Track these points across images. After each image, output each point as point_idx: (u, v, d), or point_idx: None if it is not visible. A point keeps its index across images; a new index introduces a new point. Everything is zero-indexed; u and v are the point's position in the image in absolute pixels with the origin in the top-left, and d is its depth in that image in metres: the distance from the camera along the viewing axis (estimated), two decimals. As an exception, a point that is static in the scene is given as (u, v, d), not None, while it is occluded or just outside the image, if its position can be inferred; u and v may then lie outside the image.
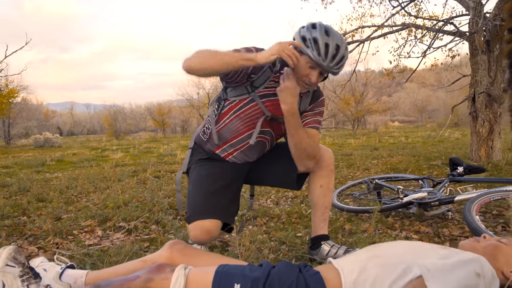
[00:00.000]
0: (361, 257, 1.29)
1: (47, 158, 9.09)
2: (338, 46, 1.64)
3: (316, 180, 1.98)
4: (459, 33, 6.02)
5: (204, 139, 1.93)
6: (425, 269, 1.13)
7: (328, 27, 1.66)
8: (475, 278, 1.09)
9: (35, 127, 26.98)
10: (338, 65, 1.68)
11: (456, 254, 1.20)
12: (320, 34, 1.62)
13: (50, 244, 2.43)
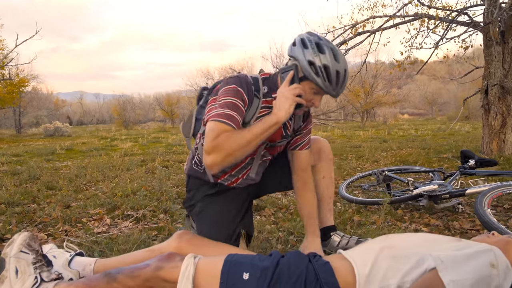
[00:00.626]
0: (372, 248, 1.27)
1: (57, 147, 9.17)
2: (345, 70, 1.52)
3: (318, 173, 1.96)
4: (473, 23, 5.90)
5: (200, 170, 1.76)
6: (439, 260, 1.10)
7: (334, 48, 1.51)
8: (489, 269, 1.07)
9: (45, 116, 27.21)
10: (343, 88, 1.56)
11: (471, 246, 1.18)
12: (331, 60, 1.47)
13: (59, 231, 2.45)
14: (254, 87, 1.59)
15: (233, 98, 1.49)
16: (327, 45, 1.49)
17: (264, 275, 1.19)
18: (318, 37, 1.52)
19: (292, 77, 1.50)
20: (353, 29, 7.16)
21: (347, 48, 7.27)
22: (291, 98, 1.45)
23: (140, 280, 1.23)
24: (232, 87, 1.52)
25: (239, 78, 1.56)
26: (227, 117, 1.44)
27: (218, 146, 1.40)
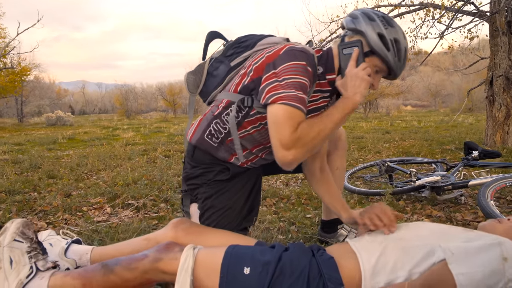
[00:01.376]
0: (380, 239, 1.24)
1: (58, 136, 9.18)
2: (408, 49, 1.42)
3: (333, 162, 1.84)
4: (479, 13, 5.81)
5: (214, 144, 1.53)
6: (449, 252, 1.08)
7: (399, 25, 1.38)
8: (501, 262, 1.03)
9: (48, 105, 27.24)
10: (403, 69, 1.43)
11: (482, 237, 1.15)
12: (401, 35, 1.35)
13: (59, 219, 2.44)
14: (315, 69, 1.39)
15: (304, 78, 1.28)
16: (394, 20, 1.37)
17: (266, 270, 1.15)
18: (382, 12, 1.39)
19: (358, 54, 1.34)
20: (357, 19, 7.07)
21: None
22: (366, 80, 1.31)
23: (138, 272, 1.20)
24: (302, 64, 1.30)
25: (306, 54, 1.33)
26: (301, 101, 1.25)
27: (300, 139, 1.23)
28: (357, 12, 1.38)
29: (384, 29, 1.32)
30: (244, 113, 1.44)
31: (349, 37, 1.38)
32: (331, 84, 1.44)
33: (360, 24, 1.34)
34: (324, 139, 1.29)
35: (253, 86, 1.39)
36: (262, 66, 1.36)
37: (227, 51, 1.58)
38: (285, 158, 1.24)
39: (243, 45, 1.54)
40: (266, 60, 1.36)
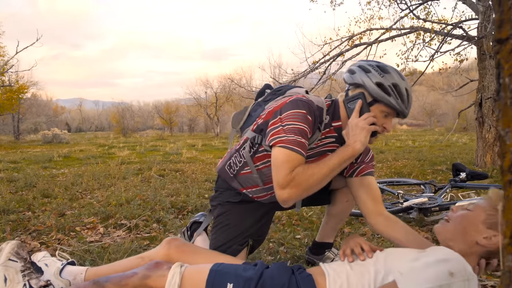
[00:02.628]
0: (345, 264, 1.33)
1: (54, 154, 9.20)
2: (410, 87, 1.49)
3: (344, 195, 1.87)
4: (468, 37, 5.99)
5: (231, 174, 1.72)
6: (397, 273, 1.14)
7: (395, 68, 1.49)
8: (448, 277, 1.08)
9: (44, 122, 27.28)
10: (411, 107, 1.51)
11: (430, 254, 1.21)
12: (398, 78, 1.44)
13: (52, 239, 2.47)
14: (319, 118, 1.52)
15: (303, 125, 1.42)
16: (388, 66, 1.47)
17: (248, 286, 1.23)
18: (375, 61, 1.51)
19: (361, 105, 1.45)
20: (350, 41, 7.25)
21: (344, 59, 7.35)
22: (366, 128, 1.41)
23: None
24: (303, 112, 1.43)
25: (308, 105, 1.46)
26: (300, 145, 1.38)
27: (295, 180, 1.35)
28: (354, 67, 1.51)
29: (380, 77, 1.43)
30: (255, 149, 1.60)
31: (352, 90, 1.50)
32: (337, 131, 1.56)
33: (358, 78, 1.46)
34: (319, 181, 1.39)
35: (263, 127, 1.54)
36: (273, 111, 1.51)
37: (267, 96, 1.77)
38: (280, 196, 1.38)
39: (278, 92, 1.74)
40: (277, 106, 1.52)
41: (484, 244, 1.22)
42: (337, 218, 1.96)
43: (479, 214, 1.25)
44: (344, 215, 1.96)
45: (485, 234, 1.22)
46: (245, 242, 1.69)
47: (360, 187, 1.66)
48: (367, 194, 1.64)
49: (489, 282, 1.76)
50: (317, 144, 1.57)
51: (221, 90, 29.02)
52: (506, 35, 0.74)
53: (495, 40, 0.79)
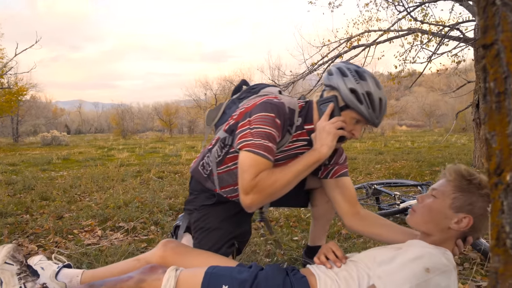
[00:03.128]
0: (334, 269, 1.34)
1: (53, 157, 9.21)
2: (385, 98, 1.46)
3: (323, 196, 1.85)
4: (465, 39, 6.01)
5: (204, 174, 1.70)
6: (376, 277, 1.16)
7: (373, 75, 1.45)
8: (425, 274, 1.11)
9: (43, 125, 27.31)
10: (383, 116, 1.48)
11: (405, 253, 1.22)
12: (373, 87, 1.41)
13: (50, 242, 2.48)
14: (289, 121, 1.50)
15: (271, 129, 1.40)
16: (367, 72, 1.44)
17: (242, 287, 1.24)
18: (356, 65, 1.48)
19: (332, 108, 1.43)
20: (348, 43, 7.28)
21: (342, 61, 7.37)
22: (333, 133, 1.39)
23: None
24: (271, 116, 1.42)
25: (277, 108, 1.45)
26: (266, 150, 1.37)
27: (258, 186, 1.34)
28: (333, 68, 1.48)
29: (355, 83, 1.40)
30: (226, 150, 1.58)
31: (327, 92, 1.48)
32: (309, 134, 1.54)
33: (334, 80, 1.44)
34: (283, 187, 1.38)
35: (233, 128, 1.53)
36: (243, 112, 1.50)
37: (242, 94, 1.76)
38: (243, 202, 1.38)
39: (253, 91, 1.73)
40: (247, 107, 1.51)
41: (456, 228, 1.24)
42: (323, 219, 1.96)
43: (444, 200, 1.26)
44: (329, 215, 1.95)
45: (455, 218, 1.24)
46: (231, 244, 1.66)
47: (335, 188, 1.66)
48: (342, 195, 1.65)
49: (483, 283, 1.77)
50: (288, 146, 1.55)
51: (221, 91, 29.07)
52: (491, 40, 0.76)
53: (480, 46, 0.80)
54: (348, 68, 1.45)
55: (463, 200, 1.23)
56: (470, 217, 1.22)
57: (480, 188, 1.23)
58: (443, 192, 1.28)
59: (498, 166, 0.77)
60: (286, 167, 1.40)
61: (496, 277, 0.80)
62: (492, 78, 0.76)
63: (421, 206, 1.32)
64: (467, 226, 1.22)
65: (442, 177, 1.34)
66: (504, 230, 0.76)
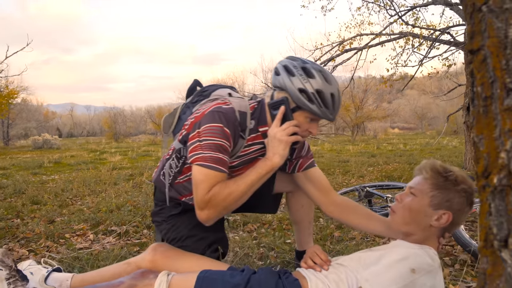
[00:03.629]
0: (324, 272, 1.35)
1: (44, 160, 9.12)
2: (338, 91, 1.39)
3: (297, 200, 1.86)
4: (455, 42, 6.08)
5: (167, 184, 1.65)
6: (363, 280, 1.17)
7: (322, 69, 1.37)
8: (410, 275, 1.13)
9: (35, 128, 27.05)
10: (338, 110, 1.44)
11: (389, 255, 1.23)
12: (322, 83, 1.34)
13: (41, 247, 2.46)
14: (241, 127, 1.45)
15: (221, 140, 1.37)
16: (314, 68, 1.36)
17: None
18: (302, 61, 1.39)
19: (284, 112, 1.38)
20: (340, 46, 7.33)
21: (334, 64, 7.42)
22: (285, 140, 1.36)
23: None
24: (219, 126, 1.38)
25: (225, 116, 1.40)
26: (217, 162, 1.35)
27: (212, 201, 1.34)
28: (279, 67, 1.41)
29: (303, 83, 1.34)
30: (182, 161, 1.57)
31: (277, 93, 1.42)
32: (264, 136, 1.49)
33: (282, 81, 1.38)
34: (237, 199, 1.37)
35: (186, 138, 1.49)
36: (194, 122, 1.46)
37: (194, 98, 1.69)
38: (199, 216, 1.38)
39: (204, 93, 1.67)
40: (197, 117, 1.46)
41: (437, 225, 1.26)
42: (303, 223, 1.94)
43: (423, 199, 1.28)
44: (308, 218, 1.94)
45: (435, 215, 1.27)
46: (215, 249, 1.60)
47: (306, 181, 1.67)
48: (314, 187, 1.66)
49: (473, 284, 1.78)
50: (244, 151, 1.51)
51: (214, 94, 28.98)
52: (477, 45, 0.77)
53: (468, 51, 0.82)
54: (294, 65, 1.37)
55: (441, 197, 1.26)
56: (450, 213, 1.25)
57: (456, 184, 1.26)
58: (421, 190, 1.30)
59: (485, 169, 0.78)
60: (239, 178, 1.39)
61: (484, 278, 0.81)
62: (479, 83, 0.77)
63: (400, 207, 1.34)
64: (447, 222, 1.26)
65: (417, 174, 1.35)
66: (491, 232, 0.77)
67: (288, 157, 1.58)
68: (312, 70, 1.35)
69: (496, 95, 0.73)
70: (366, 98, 25.00)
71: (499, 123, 0.74)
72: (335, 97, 1.37)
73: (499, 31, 0.71)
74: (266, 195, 1.82)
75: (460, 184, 1.26)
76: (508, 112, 0.71)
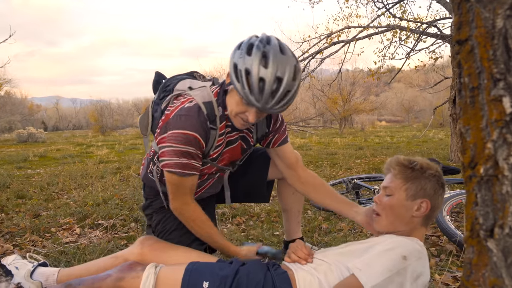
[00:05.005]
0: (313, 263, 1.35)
1: (29, 154, 8.96)
2: (279, 79, 1.24)
3: (288, 187, 1.88)
4: (442, 35, 6.13)
5: (156, 179, 1.66)
6: (356, 270, 1.17)
7: (270, 51, 1.24)
8: (402, 262, 1.15)
9: (19, 121, 26.56)
10: (280, 104, 1.28)
11: (379, 245, 1.25)
12: (256, 65, 1.22)
13: (26, 241, 2.42)
14: (210, 118, 1.43)
15: (183, 146, 1.38)
16: (259, 47, 1.24)
17: (224, 283, 1.23)
18: (265, 40, 1.28)
19: None
20: (328, 39, 7.33)
21: (322, 57, 7.43)
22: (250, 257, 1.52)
23: None
24: (182, 133, 1.37)
25: (189, 119, 1.39)
26: (182, 167, 1.40)
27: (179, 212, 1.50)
28: None
29: (239, 58, 1.26)
30: None
31: None
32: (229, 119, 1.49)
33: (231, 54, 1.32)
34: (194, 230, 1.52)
35: None
36: (162, 124, 1.46)
37: (160, 94, 1.69)
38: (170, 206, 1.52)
39: (168, 88, 1.66)
40: (165, 118, 1.46)
41: (418, 214, 1.30)
42: (293, 210, 1.97)
43: (400, 194, 1.32)
44: (297, 207, 1.98)
45: (414, 206, 1.30)
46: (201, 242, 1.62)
47: (276, 157, 1.71)
48: (283, 162, 1.71)
49: (459, 274, 1.81)
50: (220, 140, 1.51)
51: (202, 87, 28.79)
52: (465, 36, 0.77)
53: (455, 41, 0.82)
54: (248, 41, 1.30)
55: (414, 188, 1.30)
56: (427, 200, 1.29)
57: (423, 171, 1.31)
58: (394, 187, 1.33)
59: (472, 159, 0.79)
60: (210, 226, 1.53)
61: (470, 267, 0.82)
62: (467, 73, 0.77)
63: (381, 208, 1.36)
64: (427, 209, 1.29)
65: (387, 173, 1.39)
66: (477, 222, 0.78)
67: (265, 130, 1.63)
68: (255, 49, 1.25)
69: (483, 86, 0.73)
70: (354, 91, 25.12)
71: (486, 114, 0.74)
72: (266, 83, 1.23)
73: (487, 21, 0.71)
74: (258, 184, 1.86)
75: (427, 171, 1.31)
76: (495, 102, 0.71)
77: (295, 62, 1.30)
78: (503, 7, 0.68)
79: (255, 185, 1.86)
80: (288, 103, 1.30)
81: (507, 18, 0.68)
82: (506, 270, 0.72)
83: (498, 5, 0.69)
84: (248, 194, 1.91)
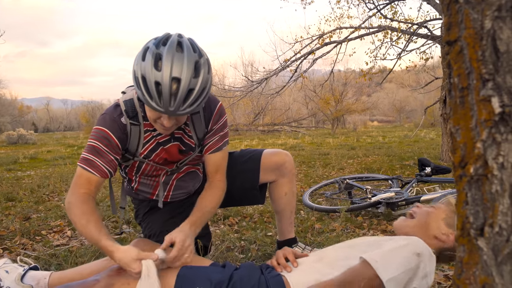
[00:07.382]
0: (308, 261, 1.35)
1: (20, 156, 8.86)
2: (177, 79, 1.20)
3: (280, 189, 1.90)
4: (432, 36, 6.19)
5: (132, 190, 1.76)
6: (373, 260, 1.14)
7: (164, 53, 1.20)
8: (416, 258, 1.16)
9: (9, 123, 26.27)
10: (186, 104, 1.24)
11: (391, 241, 1.26)
12: (149, 69, 1.20)
13: (16, 244, 2.39)
14: (129, 116, 1.45)
15: (96, 142, 1.43)
16: (154, 51, 1.21)
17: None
18: (161, 41, 1.24)
19: None
20: (320, 40, 7.36)
21: (314, 57, 7.45)
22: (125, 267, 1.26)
23: None
24: (98, 128, 1.45)
25: (106, 117, 1.46)
26: (86, 163, 1.43)
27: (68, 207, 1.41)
28: None
29: (136, 65, 1.25)
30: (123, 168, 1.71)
31: None
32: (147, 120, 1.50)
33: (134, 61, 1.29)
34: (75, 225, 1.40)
35: None
36: None
37: None
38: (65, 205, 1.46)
39: None
40: None
41: (443, 239, 1.32)
42: (285, 212, 1.97)
43: (440, 212, 1.37)
44: (290, 207, 1.97)
45: (443, 230, 1.33)
46: None
47: (206, 162, 1.64)
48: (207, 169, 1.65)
49: (450, 272, 1.83)
50: (147, 137, 1.52)
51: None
52: (454, 37, 0.78)
53: (445, 42, 0.83)
54: (148, 43, 1.27)
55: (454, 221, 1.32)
56: None
57: None
58: (442, 207, 1.40)
59: (462, 159, 0.79)
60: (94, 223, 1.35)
61: (461, 266, 0.83)
62: (456, 74, 0.78)
63: (419, 212, 1.42)
64: (449, 241, 1.32)
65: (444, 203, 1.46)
66: (468, 221, 0.79)
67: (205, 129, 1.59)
68: (148, 53, 1.22)
69: (472, 86, 0.74)
70: (346, 91, 25.25)
71: (475, 114, 0.75)
72: (162, 87, 1.19)
73: (475, 22, 0.71)
74: (249, 190, 1.87)
75: None
76: (484, 102, 0.72)
77: (197, 58, 1.24)
78: (491, 8, 0.69)
79: (247, 188, 1.86)
80: (197, 102, 1.26)
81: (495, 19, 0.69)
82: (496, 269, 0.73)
83: (486, 7, 0.70)
84: (241, 198, 1.91)
